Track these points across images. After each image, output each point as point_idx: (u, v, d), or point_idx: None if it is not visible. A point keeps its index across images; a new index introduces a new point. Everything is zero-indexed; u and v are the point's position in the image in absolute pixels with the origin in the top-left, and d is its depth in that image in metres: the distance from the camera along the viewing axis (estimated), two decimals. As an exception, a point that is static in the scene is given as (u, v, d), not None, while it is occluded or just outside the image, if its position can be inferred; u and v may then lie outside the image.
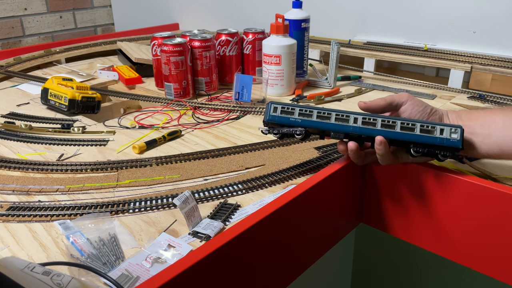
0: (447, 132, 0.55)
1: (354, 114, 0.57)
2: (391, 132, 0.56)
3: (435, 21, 1.23)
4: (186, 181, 0.68)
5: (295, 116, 0.58)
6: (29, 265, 0.42)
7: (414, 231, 0.65)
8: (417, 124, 0.56)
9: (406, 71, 1.34)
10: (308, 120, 0.58)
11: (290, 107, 0.59)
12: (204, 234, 0.54)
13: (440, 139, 0.55)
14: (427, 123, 0.56)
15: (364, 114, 0.57)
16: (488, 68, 1.07)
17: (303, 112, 0.58)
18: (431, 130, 0.56)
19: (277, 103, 0.59)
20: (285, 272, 0.60)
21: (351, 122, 0.57)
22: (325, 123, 0.57)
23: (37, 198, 0.64)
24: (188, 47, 1.03)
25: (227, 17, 1.76)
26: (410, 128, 0.56)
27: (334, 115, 0.57)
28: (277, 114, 0.59)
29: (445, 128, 0.55)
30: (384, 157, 0.57)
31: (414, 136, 0.56)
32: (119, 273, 0.48)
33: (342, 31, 1.44)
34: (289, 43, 1.03)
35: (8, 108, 1.02)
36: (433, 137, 0.55)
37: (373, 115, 0.57)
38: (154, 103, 1.05)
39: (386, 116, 0.57)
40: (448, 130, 0.55)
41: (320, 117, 0.57)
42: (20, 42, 1.95)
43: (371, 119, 0.56)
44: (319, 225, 0.64)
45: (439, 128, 0.56)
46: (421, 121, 0.57)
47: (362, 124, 0.56)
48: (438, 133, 0.55)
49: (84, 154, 0.78)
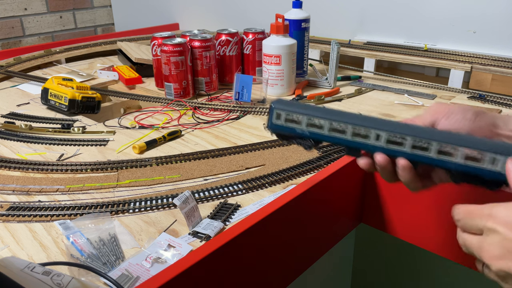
0: (502, 163, 0.40)
1: (376, 129, 0.44)
2: (424, 157, 0.43)
3: (435, 21, 1.23)
4: (186, 181, 0.68)
5: (302, 127, 0.46)
6: (29, 265, 0.42)
7: (414, 231, 0.65)
8: (460, 150, 0.41)
9: (406, 71, 1.34)
10: (318, 133, 0.46)
11: (296, 114, 0.46)
12: (204, 234, 0.54)
13: (491, 172, 0.41)
14: (474, 147, 0.41)
15: (389, 128, 0.44)
16: (488, 68, 1.07)
17: (312, 122, 0.46)
18: (478, 158, 0.41)
19: (282, 104, 0.47)
20: (285, 272, 0.60)
21: (372, 140, 0.44)
22: (338, 138, 0.46)
23: (37, 198, 0.64)
24: (188, 47, 1.03)
25: (227, 17, 1.76)
26: (450, 153, 0.42)
27: (350, 129, 0.45)
28: (281, 123, 0.47)
29: (499, 158, 0.40)
30: (410, 184, 0.46)
31: (455, 165, 0.42)
32: (119, 273, 0.48)
33: (342, 31, 1.44)
34: (289, 43, 1.03)
35: (8, 108, 1.02)
36: (481, 168, 0.41)
37: (402, 128, 0.44)
38: (154, 103, 1.05)
39: (420, 132, 0.43)
40: (503, 160, 0.40)
41: (333, 130, 0.45)
42: (20, 42, 1.95)
43: (399, 137, 0.43)
44: (319, 225, 0.64)
45: (490, 156, 0.40)
46: (465, 141, 0.42)
47: (386, 143, 0.44)
48: (488, 163, 0.41)
49: (84, 154, 0.78)
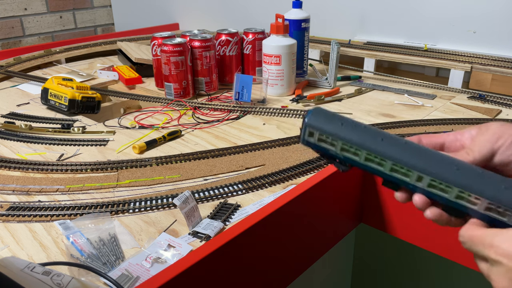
0: None
1: (419, 171, 0.38)
2: (469, 209, 0.38)
3: (435, 21, 1.23)
4: (186, 181, 0.68)
5: (337, 151, 0.41)
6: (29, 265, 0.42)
7: (414, 231, 0.65)
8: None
9: (406, 71, 1.34)
10: (352, 159, 0.41)
11: (330, 136, 0.40)
12: (204, 234, 0.54)
13: None
14: None
15: (435, 170, 0.37)
16: (488, 68, 1.07)
17: (347, 148, 0.40)
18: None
19: (317, 120, 0.40)
20: (285, 272, 0.60)
21: (413, 179, 0.38)
22: (375, 169, 0.40)
23: (37, 198, 0.64)
24: (188, 47, 1.03)
25: (227, 17, 1.76)
26: (503, 213, 0.36)
27: (389, 165, 0.39)
28: (314, 141, 0.41)
29: None
30: (441, 224, 0.41)
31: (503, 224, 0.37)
32: (119, 273, 0.48)
33: (342, 31, 1.44)
34: (289, 43, 1.03)
35: (8, 108, 1.02)
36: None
37: (449, 171, 0.37)
38: (154, 103, 1.05)
39: (470, 180, 0.37)
40: None
41: (369, 160, 0.40)
42: (20, 42, 1.95)
43: (444, 185, 0.37)
44: (319, 225, 0.64)
45: None
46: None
47: (428, 186, 0.38)
48: None
49: (84, 154, 0.78)
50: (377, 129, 0.40)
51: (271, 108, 0.98)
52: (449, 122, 0.87)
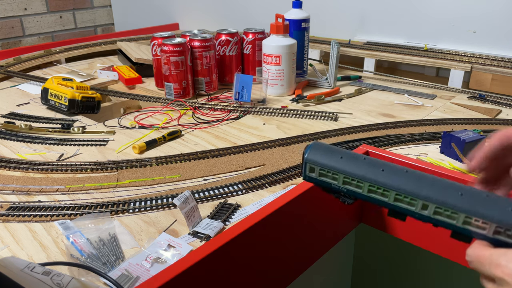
0: None
1: (423, 199, 0.37)
2: (478, 234, 0.37)
3: (435, 21, 1.23)
4: (186, 181, 0.68)
5: (339, 184, 0.41)
6: (29, 265, 0.42)
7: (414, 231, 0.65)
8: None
9: (406, 71, 1.34)
10: (356, 192, 0.40)
11: (331, 170, 0.40)
12: (204, 234, 0.54)
13: None
14: None
15: (439, 199, 0.37)
16: (488, 68, 1.07)
17: (349, 181, 0.40)
18: None
19: (316, 155, 0.41)
20: (285, 272, 0.60)
21: (418, 209, 0.38)
22: (379, 200, 0.40)
23: (37, 198, 0.64)
24: (188, 47, 1.03)
25: (227, 17, 1.76)
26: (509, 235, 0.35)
27: (393, 195, 0.38)
28: (315, 176, 0.41)
29: None
30: None
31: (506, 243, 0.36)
32: (119, 273, 0.48)
33: (342, 31, 1.44)
34: (289, 43, 1.03)
35: (8, 108, 1.02)
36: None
37: (455, 197, 0.36)
38: (154, 103, 1.05)
39: (477, 205, 0.36)
40: None
41: (372, 191, 0.39)
42: (20, 42, 1.95)
43: (449, 211, 0.37)
44: (319, 225, 0.64)
45: None
46: None
47: (434, 214, 0.37)
48: None
49: (84, 154, 0.78)
50: (377, 159, 0.40)
51: (271, 108, 0.98)
52: (449, 122, 0.87)
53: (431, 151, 0.75)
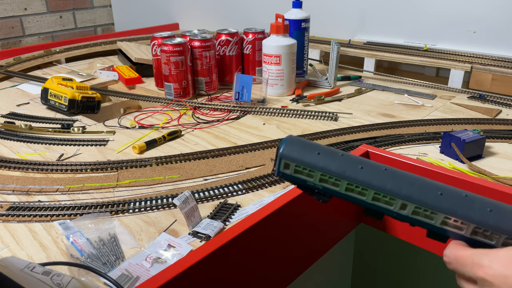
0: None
1: (402, 198, 0.36)
2: (457, 235, 0.37)
3: (435, 21, 1.23)
4: (186, 181, 0.68)
5: (315, 182, 0.39)
6: (29, 265, 0.42)
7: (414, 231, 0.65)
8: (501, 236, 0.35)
9: (406, 71, 1.34)
10: (333, 190, 0.39)
11: (307, 167, 0.38)
12: (204, 234, 0.54)
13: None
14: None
15: (419, 198, 0.36)
16: (488, 68, 1.07)
17: (326, 178, 0.38)
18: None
19: (292, 151, 0.38)
20: (285, 272, 0.60)
21: (397, 208, 0.37)
22: (357, 199, 0.38)
23: (37, 198, 0.64)
24: (188, 47, 1.03)
25: (227, 17, 1.76)
26: (489, 237, 0.36)
27: (372, 194, 0.37)
28: (290, 173, 0.39)
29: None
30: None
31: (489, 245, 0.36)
32: (119, 273, 0.48)
33: (342, 31, 1.44)
34: (289, 43, 1.03)
35: (8, 108, 1.02)
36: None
37: (434, 198, 0.36)
38: (154, 103, 1.05)
39: (456, 205, 0.36)
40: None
41: (350, 190, 0.38)
42: (20, 42, 1.95)
43: (429, 211, 0.36)
44: (319, 225, 0.64)
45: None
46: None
47: (412, 214, 0.37)
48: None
49: (84, 154, 0.78)
50: (355, 156, 0.39)
51: (271, 108, 0.98)
52: (449, 122, 0.87)
53: (431, 151, 0.75)
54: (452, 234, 0.37)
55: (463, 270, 0.35)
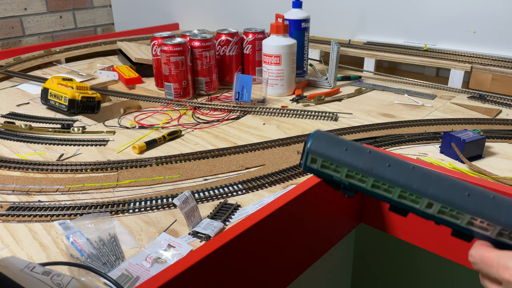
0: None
1: (429, 197, 0.36)
2: (482, 236, 0.37)
3: (435, 21, 1.23)
4: (186, 181, 0.68)
5: (342, 177, 0.39)
6: (29, 265, 0.42)
7: (414, 231, 0.65)
8: None
9: (406, 71, 1.34)
10: (359, 186, 0.39)
11: (334, 163, 0.38)
12: (204, 234, 0.54)
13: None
14: None
15: (445, 198, 0.36)
16: (488, 68, 1.07)
17: (352, 175, 0.38)
18: None
19: (319, 146, 0.38)
20: (285, 272, 0.60)
21: (423, 207, 0.37)
22: (383, 196, 0.38)
23: (37, 198, 0.64)
24: (188, 47, 1.03)
25: (227, 17, 1.76)
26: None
27: (398, 191, 0.37)
28: (317, 167, 0.39)
29: None
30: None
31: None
32: (119, 273, 0.48)
33: (342, 31, 1.44)
34: (289, 43, 1.03)
35: (8, 108, 1.02)
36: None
37: (463, 198, 0.36)
38: (154, 103, 1.05)
39: (483, 206, 0.36)
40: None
41: (376, 187, 0.38)
42: (20, 42, 1.95)
43: (455, 211, 0.36)
44: (319, 225, 0.64)
45: None
46: None
47: (438, 213, 0.37)
48: None
49: (84, 154, 0.78)
50: (383, 153, 0.38)
51: (271, 108, 0.98)
52: (449, 122, 0.87)
53: (431, 151, 0.75)
54: (477, 234, 0.37)
55: (488, 271, 0.35)
